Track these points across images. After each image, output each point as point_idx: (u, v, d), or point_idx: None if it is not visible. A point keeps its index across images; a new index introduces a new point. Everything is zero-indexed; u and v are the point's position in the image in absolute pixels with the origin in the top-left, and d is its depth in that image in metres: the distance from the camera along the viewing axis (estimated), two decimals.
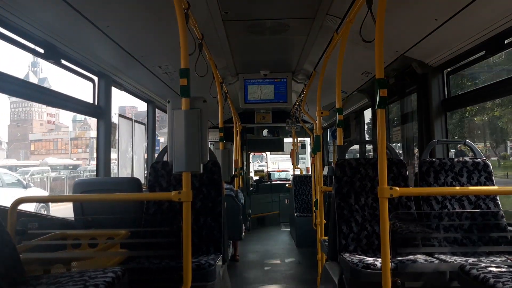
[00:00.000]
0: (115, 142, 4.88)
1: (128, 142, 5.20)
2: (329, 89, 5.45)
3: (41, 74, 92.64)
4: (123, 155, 5.04)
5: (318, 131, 5.07)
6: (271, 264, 6.63)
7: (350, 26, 3.36)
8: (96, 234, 3.05)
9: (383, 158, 2.31)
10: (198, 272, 2.90)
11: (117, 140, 4.94)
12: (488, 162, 3.59)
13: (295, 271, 6.15)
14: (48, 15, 2.95)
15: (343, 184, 3.49)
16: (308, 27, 4.35)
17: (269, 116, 9.32)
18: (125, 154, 5.12)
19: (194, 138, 2.51)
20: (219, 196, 3.65)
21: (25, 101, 76.28)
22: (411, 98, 5.11)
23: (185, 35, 2.52)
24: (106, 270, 2.22)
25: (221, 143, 5.16)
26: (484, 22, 3.13)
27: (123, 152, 5.06)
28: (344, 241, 3.35)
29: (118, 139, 4.93)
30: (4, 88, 2.99)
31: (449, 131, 4.28)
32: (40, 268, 2.64)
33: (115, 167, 5.08)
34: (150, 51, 4.22)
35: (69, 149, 77.40)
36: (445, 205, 3.47)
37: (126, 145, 5.15)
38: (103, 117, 4.25)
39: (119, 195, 3.27)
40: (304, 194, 8.64)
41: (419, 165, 3.64)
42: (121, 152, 4.97)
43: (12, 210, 2.57)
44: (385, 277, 2.26)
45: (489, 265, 2.45)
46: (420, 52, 4.00)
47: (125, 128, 5.13)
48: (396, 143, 5.75)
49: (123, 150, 5.04)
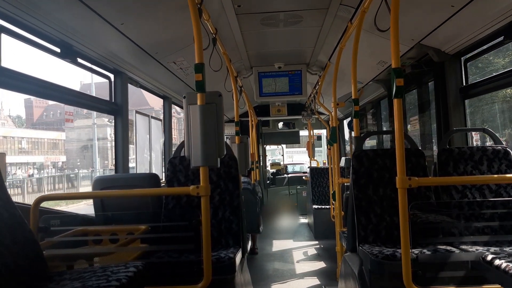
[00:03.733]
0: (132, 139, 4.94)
1: (145, 139, 5.25)
2: (344, 80, 5.42)
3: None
4: (140, 151, 5.09)
5: (334, 122, 5.04)
6: (290, 256, 6.64)
7: (364, 15, 3.32)
8: (116, 229, 3.09)
9: (400, 148, 2.28)
10: (218, 265, 2.92)
11: (135, 136, 4.99)
12: (509, 150, 3.52)
13: (314, 263, 6.15)
14: (64, 15, 2.98)
15: (361, 176, 3.47)
16: (322, 17, 4.31)
17: (284, 108, 9.30)
18: (142, 150, 5.17)
19: (210, 132, 2.52)
20: (236, 190, 3.67)
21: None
22: (428, 87, 5.05)
23: (198, 30, 2.52)
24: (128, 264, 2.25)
25: (237, 137, 5.17)
26: (502, 8, 3.07)
27: (141, 148, 5.11)
28: (363, 232, 3.34)
29: (135, 135, 4.98)
30: (22, 87, 3.04)
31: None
32: (63, 264, 2.68)
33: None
34: (165, 47, 4.24)
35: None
36: (465, 194, 3.42)
37: (143, 141, 5.20)
38: (120, 114, 4.29)
39: (138, 191, 3.30)
40: (321, 186, 8.61)
41: (438, 155, 3.59)
42: (138, 148, 5.02)
43: (34, 208, 2.61)
44: (405, 267, 2.25)
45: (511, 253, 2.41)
46: (436, 40, 3.93)
47: (142, 124, 5.18)
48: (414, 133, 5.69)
49: (140, 146, 5.09)
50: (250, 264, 5.79)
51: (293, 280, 5.35)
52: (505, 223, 3.27)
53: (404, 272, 2.24)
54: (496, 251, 2.72)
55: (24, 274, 2.08)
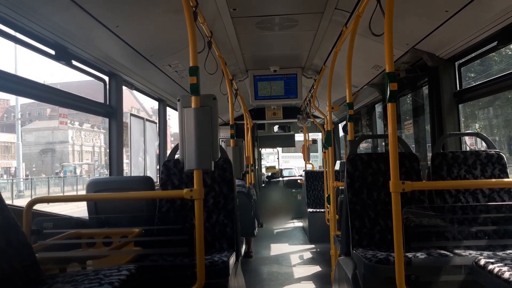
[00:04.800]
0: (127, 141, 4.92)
1: (139, 141, 5.24)
2: (339, 83, 5.43)
3: None
4: (135, 154, 5.08)
5: (329, 126, 5.05)
6: (284, 260, 6.63)
7: (359, 19, 3.34)
8: (110, 232, 3.08)
9: (394, 152, 2.29)
10: (212, 269, 2.91)
11: (129, 139, 4.98)
12: (502, 154, 3.53)
13: (309, 267, 6.15)
14: (59, 17, 2.97)
15: (355, 179, 3.48)
16: (317, 21, 4.33)
17: (279, 112, 9.32)
18: (137, 153, 5.16)
19: (204, 135, 2.52)
20: (231, 193, 3.66)
21: None
22: (422, 91, 5.07)
23: (193, 33, 2.53)
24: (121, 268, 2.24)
25: (232, 140, 5.17)
26: (496, 13, 3.09)
27: (135, 151, 5.10)
28: (357, 236, 3.34)
29: (130, 138, 4.97)
30: (16, 89, 3.03)
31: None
32: (56, 267, 2.66)
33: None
34: (160, 50, 4.24)
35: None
36: (459, 198, 3.43)
37: (138, 144, 5.18)
38: (115, 117, 4.28)
39: (132, 194, 3.29)
40: (316, 189, 8.62)
41: (431, 159, 3.60)
42: (133, 151, 5.01)
43: (27, 210, 2.60)
44: (399, 272, 2.25)
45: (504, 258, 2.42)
46: (430, 44, 3.96)
47: (137, 127, 5.16)
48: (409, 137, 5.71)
49: (135, 149, 5.08)
50: (245, 268, 5.78)
51: (288, 284, 5.34)
52: (498, 228, 3.28)
53: (397, 276, 2.25)
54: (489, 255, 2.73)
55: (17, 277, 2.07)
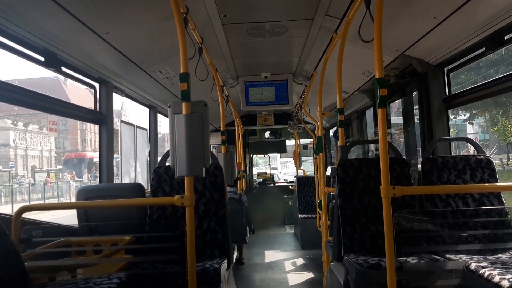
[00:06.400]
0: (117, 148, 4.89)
1: (130, 148, 5.21)
2: (330, 89, 5.45)
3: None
4: (125, 160, 5.05)
5: (320, 132, 5.06)
6: (276, 266, 6.61)
7: (349, 26, 3.36)
8: (100, 240, 3.05)
9: (385, 157, 2.30)
10: (203, 276, 2.90)
11: (120, 146, 4.95)
12: (491, 159, 3.57)
13: (301, 273, 6.14)
14: (48, 24, 2.95)
15: (346, 185, 3.48)
16: (307, 28, 4.35)
17: (271, 118, 9.33)
18: (127, 160, 5.13)
19: (195, 142, 2.51)
20: (222, 200, 3.65)
21: None
22: (412, 97, 5.11)
23: (184, 40, 2.52)
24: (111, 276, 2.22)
25: (223, 146, 5.16)
26: (483, 20, 3.13)
27: (126, 158, 5.07)
28: (348, 242, 3.34)
29: (120, 145, 4.94)
30: (5, 96, 3.00)
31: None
32: (45, 276, 2.64)
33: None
34: (150, 57, 4.23)
35: None
36: (449, 203, 3.45)
37: (128, 151, 5.16)
38: (105, 123, 4.25)
39: (122, 201, 3.27)
40: (307, 195, 8.62)
41: (421, 164, 3.63)
42: (123, 158, 4.98)
43: (16, 218, 2.56)
44: (390, 277, 2.25)
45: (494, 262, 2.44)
46: (420, 51, 3.99)
47: (127, 133, 5.14)
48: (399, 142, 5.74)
49: (125, 155, 5.05)
50: (236, 275, 5.75)
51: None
52: (488, 232, 3.31)
53: (389, 281, 2.25)
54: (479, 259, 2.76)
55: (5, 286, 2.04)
